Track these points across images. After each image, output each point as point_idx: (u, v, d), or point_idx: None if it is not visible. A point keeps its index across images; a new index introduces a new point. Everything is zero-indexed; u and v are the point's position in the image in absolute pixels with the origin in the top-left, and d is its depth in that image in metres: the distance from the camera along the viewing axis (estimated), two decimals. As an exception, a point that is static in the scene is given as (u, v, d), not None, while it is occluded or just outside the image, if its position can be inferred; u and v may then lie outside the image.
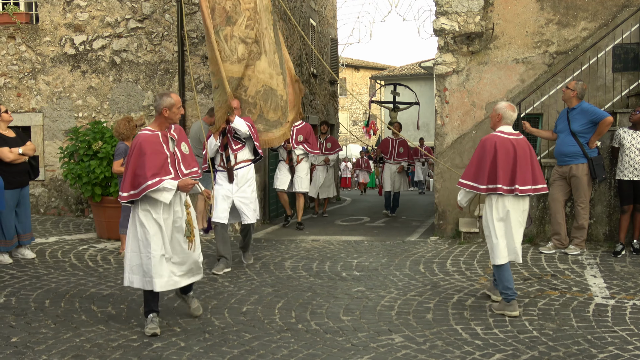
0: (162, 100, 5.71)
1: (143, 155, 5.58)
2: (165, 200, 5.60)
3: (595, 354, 5.29)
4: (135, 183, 5.60)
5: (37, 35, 12.18)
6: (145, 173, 5.50)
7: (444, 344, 5.57)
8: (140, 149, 5.61)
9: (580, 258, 8.73)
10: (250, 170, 8.54)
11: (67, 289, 7.29)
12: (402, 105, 24.59)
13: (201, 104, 11.50)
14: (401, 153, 15.09)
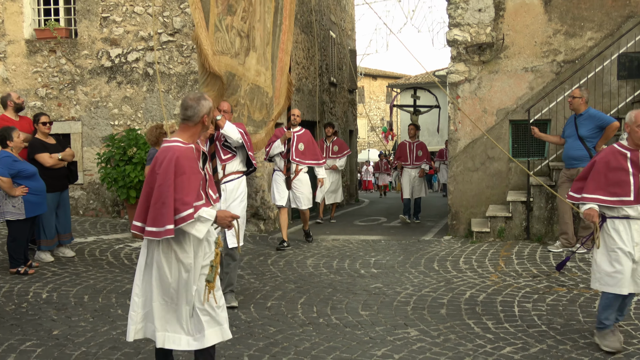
0: (201, 106, 4.24)
1: (182, 174, 4.06)
2: (200, 234, 4.11)
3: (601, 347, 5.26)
4: (168, 213, 3.98)
5: (76, 49, 12.31)
6: (184, 198, 4.02)
7: (457, 337, 5.57)
8: (178, 166, 4.04)
9: (587, 256, 8.67)
10: (242, 184, 6.86)
11: (104, 285, 7.37)
12: (422, 109, 24.44)
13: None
14: (420, 156, 13.57)
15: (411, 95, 25.07)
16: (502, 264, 8.40)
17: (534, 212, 9.97)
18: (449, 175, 11.38)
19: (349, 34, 21.41)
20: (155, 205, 4.02)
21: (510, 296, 6.84)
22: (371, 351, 5.23)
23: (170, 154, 4.07)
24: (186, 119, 4.27)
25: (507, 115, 10.72)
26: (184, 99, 4.30)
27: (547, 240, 9.76)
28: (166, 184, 4.00)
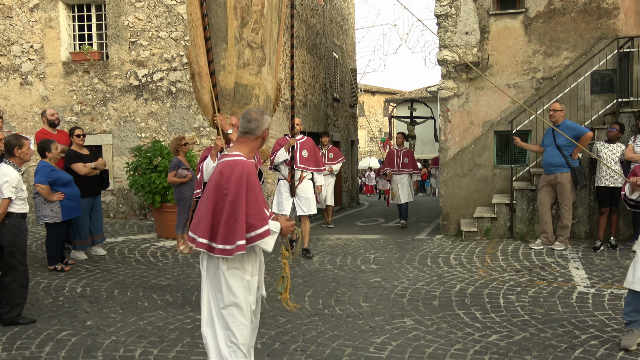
0: (264, 120, 3.85)
1: (253, 189, 3.69)
2: (269, 248, 3.73)
3: (578, 335, 5.24)
4: (240, 229, 3.62)
5: (107, 69, 12.36)
6: (260, 214, 3.68)
7: (448, 326, 5.56)
8: (249, 182, 3.68)
9: (564, 253, 8.64)
10: None
11: (132, 281, 7.37)
12: (418, 120, 24.37)
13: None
14: (406, 163, 12.62)
15: (408, 107, 25.03)
16: (489, 260, 8.38)
17: (516, 213, 9.94)
18: (440, 180, 11.36)
19: (350, 55, 21.42)
20: (228, 221, 3.63)
21: (496, 289, 6.83)
22: (371, 339, 5.21)
23: (239, 169, 3.67)
24: (248, 132, 3.85)
25: (492, 127, 10.70)
26: (246, 112, 3.90)
27: (528, 238, 9.74)
28: (239, 199, 3.61)
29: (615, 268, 7.67)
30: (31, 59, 12.65)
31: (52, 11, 12.51)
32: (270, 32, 7.19)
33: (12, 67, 12.72)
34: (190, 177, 9.09)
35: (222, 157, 3.86)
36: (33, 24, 12.59)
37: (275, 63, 7.49)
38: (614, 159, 8.71)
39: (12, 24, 12.67)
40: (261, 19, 6.86)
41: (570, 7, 10.31)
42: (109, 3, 12.26)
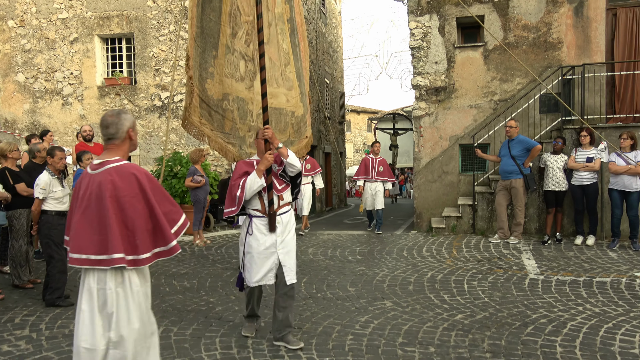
0: (123, 120, 3.07)
1: (157, 186, 3.21)
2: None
3: (529, 314, 5.23)
4: (166, 230, 3.15)
5: (135, 92, 12.32)
6: (175, 206, 3.24)
7: (421, 307, 5.53)
8: (150, 179, 3.12)
9: (518, 246, 8.65)
10: (292, 215, 4.68)
11: (155, 269, 7.31)
12: (400, 131, 24.38)
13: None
14: (381, 172, 10.92)
15: (391, 120, 25.06)
16: (455, 251, 8.38)
17: (478, 212, 9.95)
18: (414, 185, 11.37)
19: (339, 80, 21.44)
20: (147, 226, 2.99)
21: (461, 276, 6.81)
22: (356, 318, 5.18)
23: (134, 171, 2.99)
24: (111, 139, 3.04)
25: (457, 140, 10.72)
26: (102, 118, 3.08)
27: (488, 233, 9.74)
28: (151, 201, 3.00)
29: (560, 258, 7.68)
30: (71, 83, 12.60)
31: (89, 44, 12.47)
32: (277, 45, 5.84)
33: (55, 90, 12.67)
34: (204, 182, 9.06)
35: (99, 166, 2.98)
36: (73, 54, 12.54)
37: (300, 74, 6.21)
38: (559, 167, 8.75)
39: (56, 54, 12.62)
40: (252, 30, 5.51)
41: (522, 42, 10.36)
42: (137, 37, 12.24)
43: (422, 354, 4.28)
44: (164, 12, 12.05)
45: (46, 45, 12.64)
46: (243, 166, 4.48)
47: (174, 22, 12.00)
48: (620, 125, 9.23)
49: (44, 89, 12.72)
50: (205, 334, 4.78)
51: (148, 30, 12.15)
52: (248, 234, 4.36)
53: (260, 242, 4.29)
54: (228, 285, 6.49)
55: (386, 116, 27.46)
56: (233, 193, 4.37)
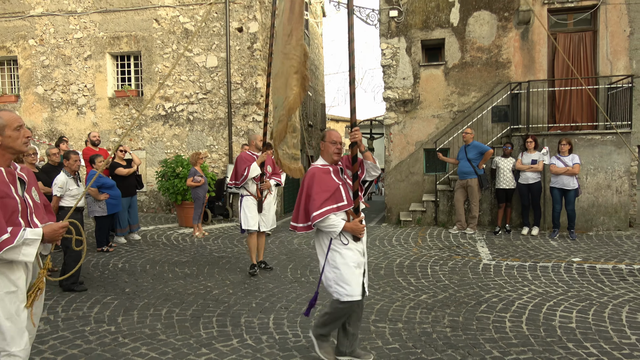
0: None
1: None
2: (29, 258, 2.43)
3: (483, 294, 5.27)
4: None
5: (142, 103, 12.14)
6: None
7: (391, 289, 5.54)
8: None
9: (473, 236, 8.72)
10: None
11: (160, 258, 7.22)
12: (376, 135, 24.28)
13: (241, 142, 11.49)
14: None
15: (368, 125, 25.01)
16: (420, 241, 8.41)
17: (439, 207, 10.01)
18: (385, 184, 11.40)
19: (320, 93, 21.40)
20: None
21: (425, 262, 6.84)
22: (335, 299, 5.17)
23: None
24: None
25: (422, 145, 10.78)
26: None
27: (448, 225, 9.80)
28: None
29: (509, 246, 7.77)
30: (85, 95, 12.37)
31: (101, 60, 12.25)
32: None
33: (71, 101, 12.43)
34: (203, 182, 8.97)
35: None
36: (87, 69, 12.32)
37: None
38: (508, 168, 8.85)
39: (71, 69, 12.38)
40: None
41: (477, 61, 10.46)
42: (144, 54, 12.07)
43: (391, 329, 4.29)
44: (168, 33, 11.89)
45: (63, 61, 12.40)
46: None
47: (176, 42, 11.85)
48: (560, 132, 9.36)
49: (61, 99, 12.46)
50: (204, 314, 4.73)
51: (153, 48, 11.99)
52: (342, 245, 3.38)
53: (354, 252, 3.41)
54: (224, 271, 6.44)
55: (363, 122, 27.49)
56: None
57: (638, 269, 6.18)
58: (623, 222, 9.01)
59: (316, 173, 3.41)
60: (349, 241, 3.39)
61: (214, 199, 10.77)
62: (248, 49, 11.50)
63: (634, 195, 10.11)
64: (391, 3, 10.85)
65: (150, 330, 4.31)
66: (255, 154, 6.34)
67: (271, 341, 4.05)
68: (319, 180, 3.36)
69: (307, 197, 3.36)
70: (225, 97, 11.66)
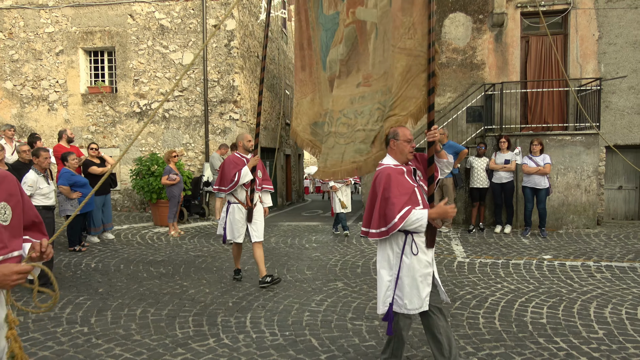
0: None
1: None
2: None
3: (457, 291, 5.35)
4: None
5: (116, 100, 11.90)
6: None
7: (368, 286, 5.58)
8: None
9: (448, 234, 8.85)
10: None
11: (134, 257, 7.11)
12: None
13: (218, 141, 11.38)
14: None
15: None
16: (396, 239, 8.46)
17: (415, 206, 10.11)
18: (363, 183, 11.46)
19: (298, 93, 21.38)
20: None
21: (401, 260, 6.88)
22: (312, 297, 5.18)
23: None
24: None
25: (399, 145, 10.87)
26: None
27: (424, 224, 9.90)
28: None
29: (483, 244, 7.90)
30: (56, 91, 12.06)
31: (73, 55, 11.96)
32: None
33: (42, 97, 12.09)
34: (179, 180, 8.86)
35: None
36: (58, 64, 12.00)
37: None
38: (482, 168, 9.00)
39: (42, 64, 12.04)
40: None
41: (452, 62, 10.60)
42: (118, 50, 11.83)
43: (368, 327, 4.32)
44: (143, 28, 11.69)
45: (33, 56, 12.04)
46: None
47: (152, 38, 11.66)
48: (532, 133, 9.58)
49: (31, 95, 12.11)
50: (180, 314, 4.67)
51: (128, 44, 11.76)
52: (410, 254, 3.10)
53: (422, 262, 3.12)
54: (200, 271, 6.37)
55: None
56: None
57: (605, 266, 6.38)
58: (591, 221, 9.28)
59: (392, 174, 3.08)
60: (418, 250, 3.09)
61: (189, 197, 10.65)
62: (225, 47, 11.40)
63: (602, 195, 10.43)
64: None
65: (125, 331, 4.24)
66: (244, 156, 5.61)
67: (248, 340, 4.03)
68: (396, 182, 3.06)
69: (384, 200, 3.04)
70: (201, 95, 11.53)
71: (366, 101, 3.73)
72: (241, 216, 5.56)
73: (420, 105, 3.35)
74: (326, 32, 4.22)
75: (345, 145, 3.84)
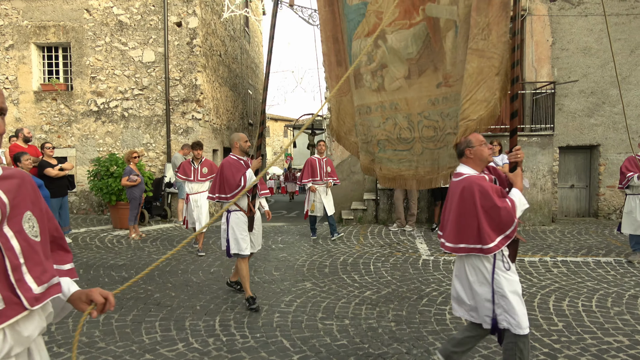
0: None
1: None
2: None
3: (424, 289, 5.45)
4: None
5: (71, 98, 11.45)
6: None
7: (336, 286, 5.60)
8: None
9: (412, 232, 9.00)
10: None
11: (94, 262, 6.85)
12: (318, 131, 24.16)
13: (180, 140, 11.14)
14: (329, 172, 8.51)
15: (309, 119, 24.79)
16: (362, 239, 8.57)
17: (380, 205, 10.25)
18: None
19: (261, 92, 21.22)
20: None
21: (368, 259, 6.97)
22: (281, 298, 5.16)
23: None
24: None
25: (363, 145, 10.97)
26: None
27: (388, 223, 10.05)
28: None
29: (445, 242, 8.08)
30: (6, 88, 11.47)
31: (25, 50, 11.41)
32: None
33: (-10, 94, 11.48)
34: (140, 181, 8.61)
35: None
36: (8, 60, 11.42)
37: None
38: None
39: (-10, 59, 11.43)
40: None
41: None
42: (74, 46, 11.38)
43: (339, 326, 4.34)
44: (100, 24, 11.29)
45: (-20, 50, 11.42)
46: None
47: (110, 34, 11.28)
48: (491, 134, 9.89)
49: (-22, 92, 11.48)
50: (145, 319, 4.54)
51: (84, 40, 11.33)
52: (504, 270, 2.90)
53: (517, 277, 2.97)
54: (164, 274, 6.22)
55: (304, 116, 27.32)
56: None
57: (561, 261, 6.68)
58: (547, 218, 9.69)
59: (481, 182, 2.91)
60: (510, 265, 2.92)
61: (151, 199, 10.37)
62: (187, 45, 11.18)
63: (556, 193, 10.90)
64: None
65: (88, 338, 4.08)
66: (241, 158, 5.11)
67: (218, 343, 3.97)
68: (490, 188, 2.90)
69: (489, 209, 2.84)
70: (163, 94, 11.26)
71: (450, 102, 3.55)
72: (245, 224, 4.96)
73: (491, 110, 3.16)
74: (349, 23, 4.00)
75: (438, 150, 3.65)
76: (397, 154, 3.80)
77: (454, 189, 3.02)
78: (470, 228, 2.88)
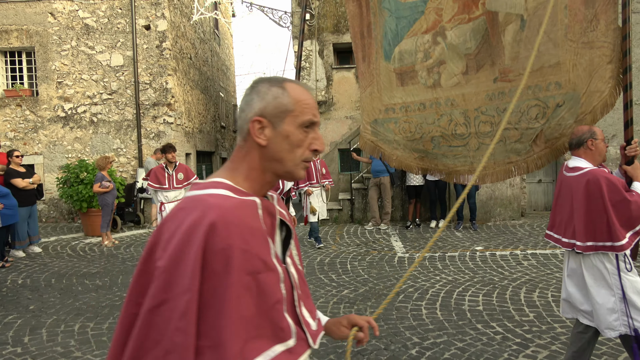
0: None
1: None
2: None
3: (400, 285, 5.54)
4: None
5: (37, 104, 11.14)
6: None
7: (314, 286, 5.63)
8: None
9: (387, 231, 9.12)
10: None
11: (66, 271, 6.70)
12: None
13: (152, 145, 10.99)
14: (324, 174, 8.07)
15: None
16: (338, 238, 8.62)
17: (355, 205, 10.34)
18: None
19: (232, 94, 21.09)
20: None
21: (345, 258, 7.03)
22: (260, 300, 5.15)
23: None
24: None
25: (337, 146, 11.06)
26: None
27: (363, 222, 10.15)
28: None
29: (420, 239, 8.23)
30: (-32, 94, 11.09)
31: (-14, 56, 11.06)
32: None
33: (-50, 101, 11.06)
34: (112, 187, 8.47)
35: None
36: (-31, 65, 11.05)
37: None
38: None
39: (-51, 65, 11.03)
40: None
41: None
42: (38, 51, 11.09)
43: (318, 326, 4.37)
44: (65, 28, 11.04)
45: (-62, 56, 11.00)
46: None
47: (76, 38, 11.03)
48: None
49: (-63, 99, 11.05)
50: (122, 326, 4.47)
51: (49, 45, 11.06)
52: (626, 271, 2.73)
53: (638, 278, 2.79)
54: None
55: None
56: None
57: (531, 254, 6.89)
58: (516, 212, 9.97)
59: (610, 177, 2.74)
60: (632, 266, 2.72)
61: (123, 205, 10.20)
62: (157, 48, 11.03)
63: (524, 188, 11.23)
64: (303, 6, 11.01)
65: (63, 348, 4.01)
66: None
67: (198, 348, 3.95)
68: (617, 181, 2.73)
69: (618, 203, 2.68)
70: (132, 98, 11.08)
71: (507, 97, 3.48)
72: None
73: (605, 100, 3.07)
74: (398, 19, 3.90)
75: (494, 145, 3.41)
76: (452, 149, 3.78)
77: (574, 184, 2.84)
78: (600, 224, 2.71)
